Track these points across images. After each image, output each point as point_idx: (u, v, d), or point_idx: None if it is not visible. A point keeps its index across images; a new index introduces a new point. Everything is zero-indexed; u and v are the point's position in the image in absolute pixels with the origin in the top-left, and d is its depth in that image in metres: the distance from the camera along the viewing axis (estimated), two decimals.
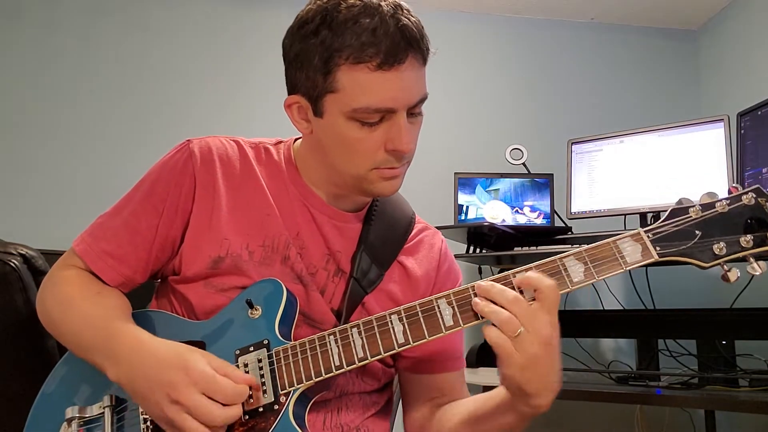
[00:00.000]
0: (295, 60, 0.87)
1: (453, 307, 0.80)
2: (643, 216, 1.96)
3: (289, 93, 0.91)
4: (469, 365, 1.90)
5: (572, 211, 2.08)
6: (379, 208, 1.01)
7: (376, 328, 0.82)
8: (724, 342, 1.72)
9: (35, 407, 0.91)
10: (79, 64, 2.28)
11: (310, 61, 0.84)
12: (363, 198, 0.99)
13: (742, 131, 1.81)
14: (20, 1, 2.25)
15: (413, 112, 0.88)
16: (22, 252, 1.02)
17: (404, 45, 0.82)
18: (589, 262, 0.78)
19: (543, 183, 2.18)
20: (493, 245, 2.01)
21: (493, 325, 0.76)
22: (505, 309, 0.75)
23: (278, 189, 0.96)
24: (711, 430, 2.03)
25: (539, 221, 2.15)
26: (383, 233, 0.99)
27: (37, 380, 0.93)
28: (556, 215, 2.17)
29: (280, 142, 1.02)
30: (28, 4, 2.26)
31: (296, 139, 1.02)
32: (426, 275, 1.02)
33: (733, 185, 0.78)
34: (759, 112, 1.76)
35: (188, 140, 0.96)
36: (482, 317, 0.78)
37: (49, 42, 2.26)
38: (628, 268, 0.77)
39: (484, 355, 1.90)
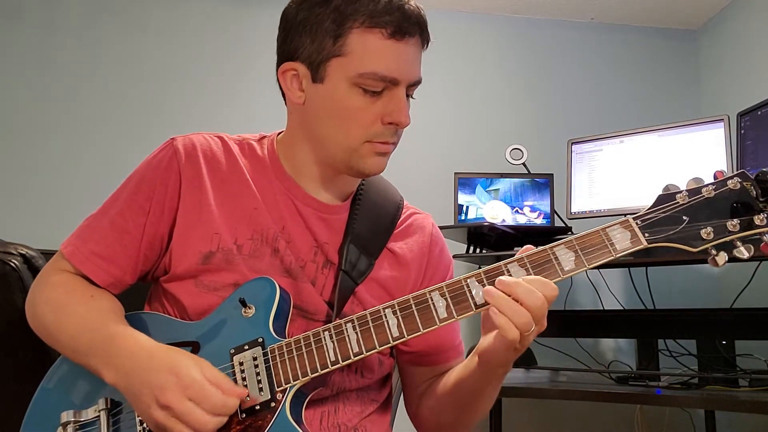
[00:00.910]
0: (301, 25, 0.88)
1: (446, 299, 0.80)
2: None
3: (285, 61, 0.91)
4: None
5: (572, 211, 2.08)
6: (363, 197, 1.01)
7: (370, 322, 0.82)
8: (724, 342, 1.71)
9: (30, 410, 0.91)
10: (79, 64, 2.28)
11: (320, 24, 0.86)
12: (349, 184, 0.99)
13: (742, 131, 1.81)
14: (20, 1, 2.26)
15: (408, 92, 0.91)
16: (22, 252, 1.03)
17: (414, 22, 0.87)
18: (579, 250, 0.79)
19: (543, 183, 2.18)
20: (493, 245, 2.01)
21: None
22: (524, 307, 0.75)
23: (263, 183, 0.96)
24: (711, 430, 2.03)
25: (539, 221, 2.15)
26: (370, 222, 0.99)
27: (36, 380, 0.93)
28: (556, 215, 2.17)
29: (264, 137, 1.02)
30: (28, 4, 2.27)
31: (279, 133, 1.02)
32: (417, 258, 1.02)
33: (718, 170, 0.80)
34: (759, 112, 1.76)
35: (172, 138, 0.97)
36: (478, 308, 0.79)
37: (49, 42, 2.27)
38: (617, 255, 0.78)
39: None
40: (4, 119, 2.20)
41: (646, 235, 0.78)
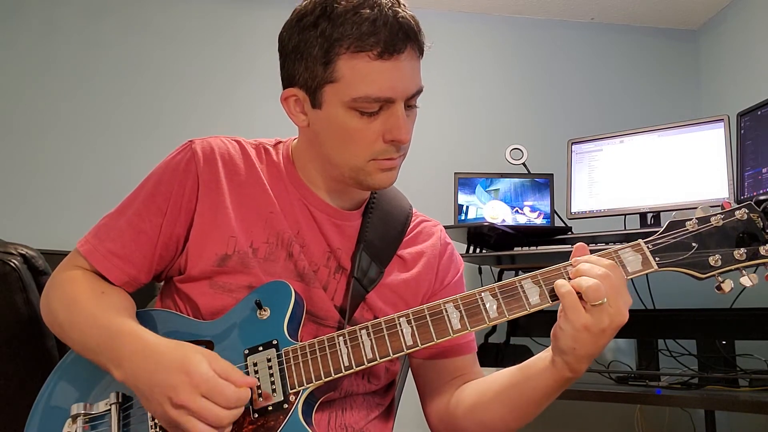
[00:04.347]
0: (294, 52, 0.88)
1: (460, 311, 0.82)
2: (642, 216, 1.96)
3: (286, 86, 0.92)
4: None
5: (572, 211, 2.08)
6: (376, 205, 1.02)
7: (384, 330, 0.84)
8: (724, 342, 1.72)
9: (38, 403, 0.91)
10: (79, 64, 2.28)
11: (310, 52, 0.86)
12: (361, 194, 1.00)
13: (742, 131, 1.81)
14: (20, 1, 2.26)
15: (409, 104, 0.90)
16: (22, 252, 1.03)
17: (403, 36, 0.84)
18: None
19: (543, 183, 2.18)
20: (493, 245, 2.01)
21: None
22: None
23: (278, 188, 0.97)
24: (711, 430, 2.03)
25: (539, 221, 2.15)
26: (381, 230, 1.00)
27: (36, 380, 0.93)
28: (556, 215, 2.17)
29: (280, 142, 1.03)
30: (28, 4, 2.26)
31: (295, 139, 1.02)
32: (427, 264, 1.03)
33: (726, 200, 0.83)
34: (759, 112, 1.76)
35: (190, 141, 0.97)
36: (491, 321, 0.80)
37: (49, 42, 2.26)
38: (629, 277, 0.81)
39: (484, 355, 1.89)
40: (4, 118, 2.19)
41: (657, 259, 0.81)
